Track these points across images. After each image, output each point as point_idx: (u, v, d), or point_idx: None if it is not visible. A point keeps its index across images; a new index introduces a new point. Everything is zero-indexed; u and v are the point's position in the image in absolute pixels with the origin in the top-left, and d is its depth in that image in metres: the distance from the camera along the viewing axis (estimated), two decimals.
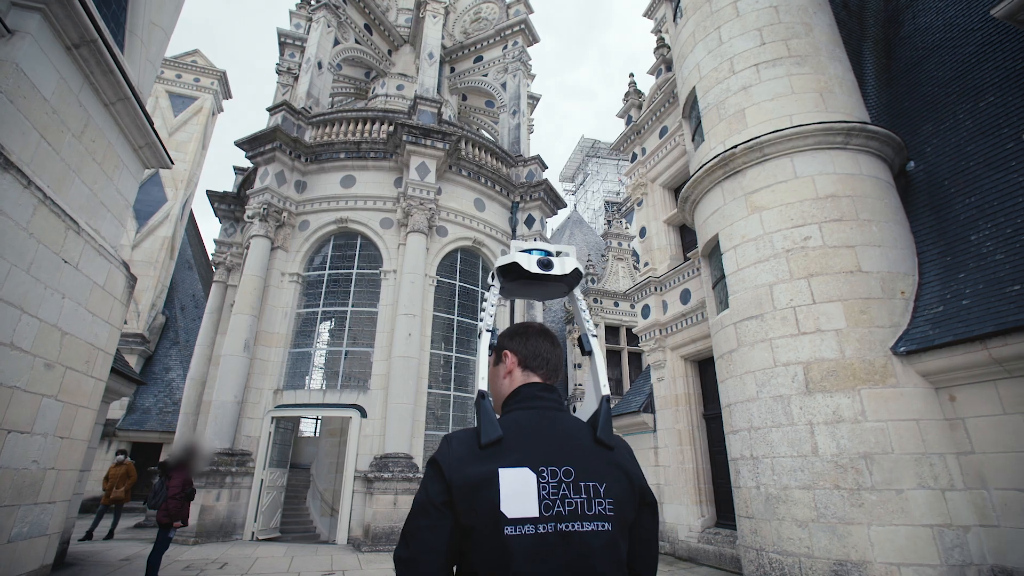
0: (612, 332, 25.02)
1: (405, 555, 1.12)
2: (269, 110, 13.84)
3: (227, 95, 24.60)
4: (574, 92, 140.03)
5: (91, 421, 6.18)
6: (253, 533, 10.20)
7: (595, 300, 24.38)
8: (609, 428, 1.25)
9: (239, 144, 13.55)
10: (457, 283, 13.50)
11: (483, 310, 1.46)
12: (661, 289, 10.52)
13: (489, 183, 14.60)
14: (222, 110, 24.61)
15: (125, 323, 18.79)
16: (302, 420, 19.17)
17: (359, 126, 13.87)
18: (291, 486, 14.81)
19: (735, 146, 7.03)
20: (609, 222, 27.93)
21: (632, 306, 24.44)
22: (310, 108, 14.45)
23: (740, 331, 6.66)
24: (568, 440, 1.20)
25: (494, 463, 1.12)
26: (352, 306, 12.40)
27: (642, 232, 11.38)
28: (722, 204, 7.32)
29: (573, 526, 1.09)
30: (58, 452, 5.64)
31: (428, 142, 12.85)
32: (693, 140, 8.85)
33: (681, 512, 9.25)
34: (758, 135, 6.85)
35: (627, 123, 12.50)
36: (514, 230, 15.11)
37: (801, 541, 5.52)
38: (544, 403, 1.29)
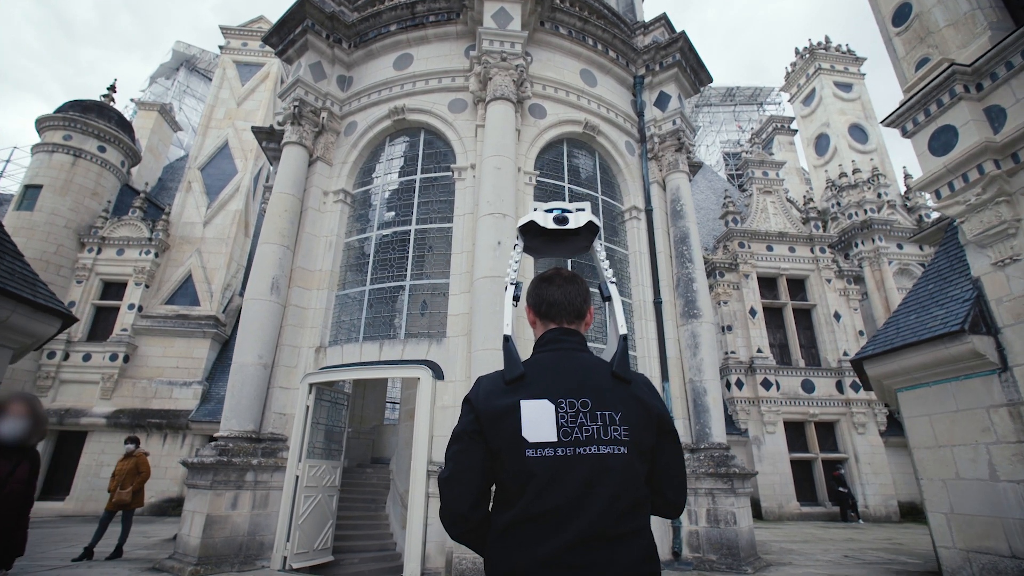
0: (768, 284, 18.97)
1: (446, 474, 1.31)
2: None
3: None
4: None
5: None
6: (285, 559, 6.57)
7: (740, 244, 18.68)
8: (625, 364, 1.35)
9: (266, 39, 10.38)
10: (566, 184, 9.09)
11: (509, 265, 1.59)
12: (978, 88, 5.27)
13: (600, 46, 10.02)
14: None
15: (198, 304, 16.79)
16: (388, 405, 15.90)
17: None
18: (370, 487, 11.36)
19: None
20: (749, 147, 22.05)
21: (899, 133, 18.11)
22: None
23: None
24: (586, 375, 1.31)
25: (516, 396, 1.27)
26: (416, 223, 8.50)
27: (902, 11, 6.15)
28: None
29: (590, 449, 1.21)
30: None
31: None
32: None
33: None
34: None
35: None
36: (641, 114, 10.37)
37: None
38: (565, 345, 1.38)
